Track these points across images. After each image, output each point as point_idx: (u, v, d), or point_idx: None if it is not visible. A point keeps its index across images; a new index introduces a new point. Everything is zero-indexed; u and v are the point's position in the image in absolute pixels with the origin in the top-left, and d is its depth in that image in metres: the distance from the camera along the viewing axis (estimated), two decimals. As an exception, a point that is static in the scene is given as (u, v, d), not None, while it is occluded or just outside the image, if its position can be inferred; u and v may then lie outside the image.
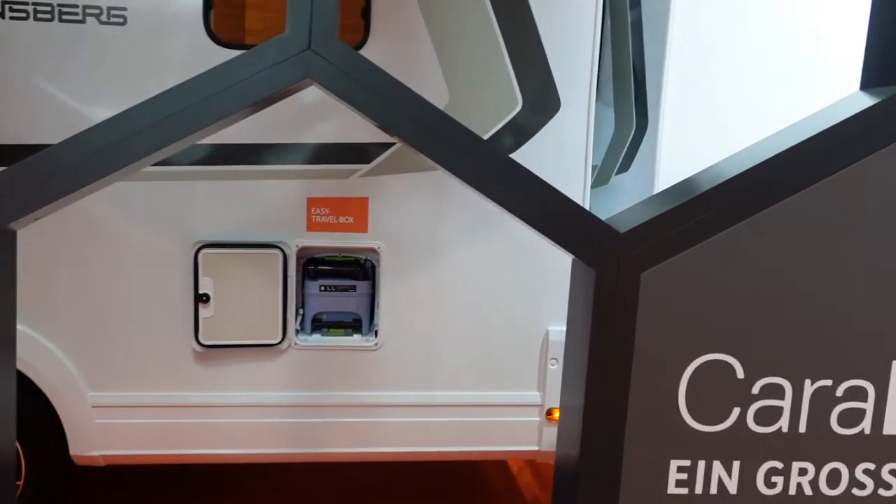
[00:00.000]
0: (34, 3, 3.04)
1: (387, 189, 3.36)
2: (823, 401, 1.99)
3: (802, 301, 1.94)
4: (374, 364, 3.49)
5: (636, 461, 1.97)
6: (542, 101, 3.36)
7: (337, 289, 3.47)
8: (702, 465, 2.00)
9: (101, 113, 3.06)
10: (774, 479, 2.02)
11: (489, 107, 3.34)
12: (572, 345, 2.02)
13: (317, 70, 1.76)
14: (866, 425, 2.01)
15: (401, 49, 3.28)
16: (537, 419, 3.59)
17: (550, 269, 3.37)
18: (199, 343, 3.34)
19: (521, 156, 3.31)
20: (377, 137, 3.27)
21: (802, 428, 2.00)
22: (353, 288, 3.48)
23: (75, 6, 3.06)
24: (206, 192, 3.29)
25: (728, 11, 3.77)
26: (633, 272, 1.88)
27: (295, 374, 3.46)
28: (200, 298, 3.30)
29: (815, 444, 2.01)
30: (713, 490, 2.01)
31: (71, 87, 3.13)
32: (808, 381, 1.97)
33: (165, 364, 3.37)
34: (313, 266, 3.46)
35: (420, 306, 3.48)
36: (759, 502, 2.03)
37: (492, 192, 1.84)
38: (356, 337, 3.52)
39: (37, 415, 3.38)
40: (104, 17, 3.09)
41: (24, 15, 3.04)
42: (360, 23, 3.26)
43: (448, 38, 3.27)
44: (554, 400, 3.51)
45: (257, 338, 3.38)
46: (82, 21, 3.08)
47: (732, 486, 2.01)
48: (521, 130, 3.37)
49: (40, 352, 3.28)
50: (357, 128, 3.24)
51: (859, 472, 2.04)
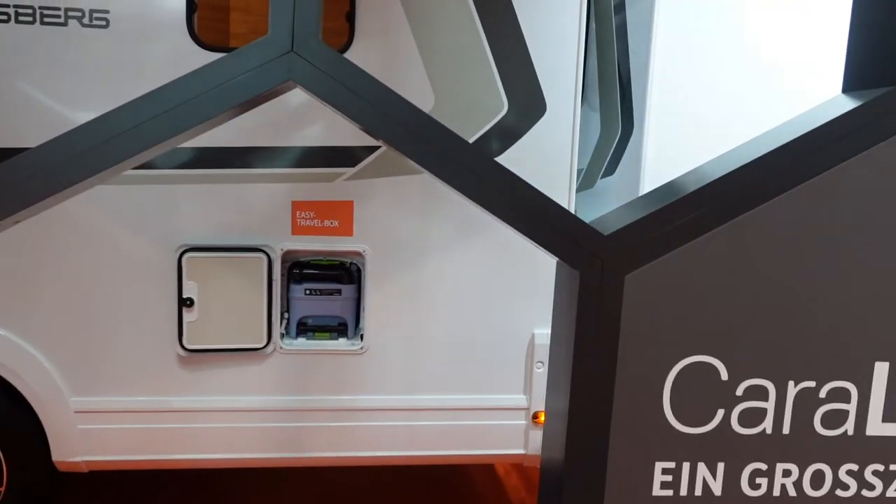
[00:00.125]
0: (15, 6, 3.01)
1: (372, 192, 3.36)
2: (807, 402, 2.00)
3: (786, 303, 1.95)
4: (360, 368, 3.48)
5: (621, 463, 1.97)
6: (527, 104, 3.36)
7: (322, 292, 3.46)
8: (686, 466, 2.00)
9: (83, 116, 3.03)
10: (759, 480, 2.03)
11: (475, 110, 3.34)
12: (557, 347, 2.02)
13: (300, 72, 1.75)
14: (849, 426, 2.02)
15: (385, 52, 3.28)
16: (524, 423, 3.59)
17: (536, 272, 3.38)
18: (183, 347, 3.32)
19: (507, 159, 3.31)
20: (362, 141, 3.26)
21: (786, 429, 2.00)
22: (339, 291, 3.47)
23: (57, 9, 3.04)
24: (190, 195, 3.27)
25: (712, 15, 3.80)
26: (617, 274, 1.88)
27: (280, 379, 3.44)
28: (184, 302, 3.28)
29: (799, 445, 2.02)
30: (698, 492, 2.01)
31: (53, 90, 3.11)
32: (791, 383, 1.98)
33: (149, 369, 3.35)
34: (298, 270, 3.44)
35: (406, 310, 3.48)
36: (744, 503, 2.03)
37: (477, 196, 1.83)
38: (342, 341, 3.51)
39: (18, 421, 3.35)
40: (86, 20, 3.06)
41: (4, 17, 3.01)
42: (344, 26, 3.25)
43: (433, 41, 3.27)
44: (540, 403, 3.51)
45: (242, 342, 3.36)
46: (64, 24, 3.06)
47: (717, 488, 2.02)
48: (507, 134, 3.37)
49: (22, 356, 3.25)
50: (342, 131, 3.24)
51: (843, 474, 2.05)
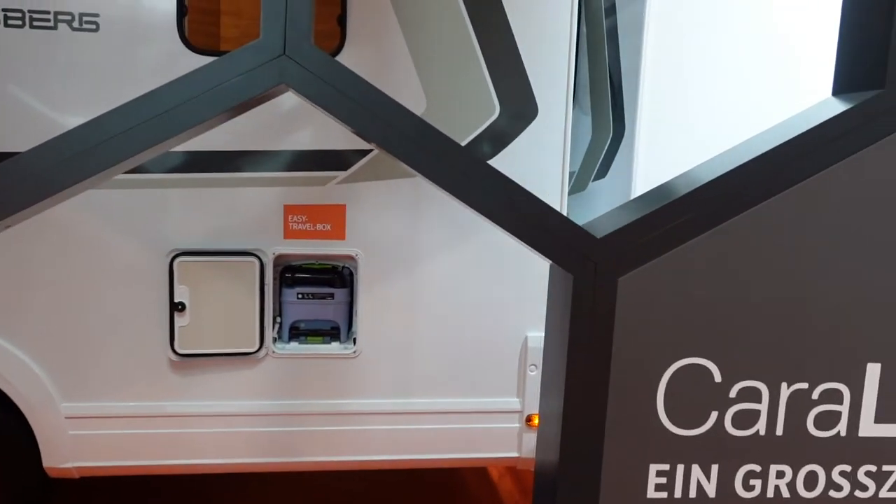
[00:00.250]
0: (4, 10, 3.00)
1: (364, 196, 3.35)
2: (800, 404, 2.00)
3: (778, 305, 1.96)
4: (353, 372, 3.47)
5: (615, 466, 1.97)
6: (519, 107, 3.37)
7: (315, 296, 3.45)
8: (681, 468, 2.00)
9: (73, 120, 3.02)
10: (752, 481, 2.03)
11: (466, 113, 3.34)
12: (550, 350, 2.02)
13: (292, 76, 1.75)
14: (842, 428, 2.03)
15: (377, 55, 3.27)
16: (517, 426, 3.59)
17: (529, 274, 3.38)
18: (174, 352, 3.30)
19: (499, 162, 3.32)
20: (354, 144, 3.26)
21: (779, 431, 2.01)
22: (331, 295, 3.46)
23: (47, 12, 3.03)
24: (181, 199, 3.26)
25: (703, 19, 3.81)
26: (610, 277, 1.88)
27: (273, 383, 3.43)
28: (176, 307, 3.26)
29: (793, 446, 2.02)
30: (692, 494, 2.01)
31: (43, 94, 3.09)
32: (784, 385, 1.99)
33: (140, 374, 3.33)
34: (291, 274, 3.43)
35: (399, 313, 3.47)
36: (738, 505, 2.04)
37: (469, 199, 1.83)
38: (334, 345, 3.50)
39: (8, 427, 3.32)
40: (76, 24, 3.05)
41: (-6, 21, 3.00)
42: (336, 29, 3.25)
43: (425, 44, 3.27)
44: (534, 406, 3.51)
45: (234, 346, 3.35)
46: (54, 28, 3.05)
47: (711, 490, 2.02)
48: (499, 137, 3.37)
49: (12, 362, 3.23)
50: (334, 134, 3.23)
51: (836, 475, 2.05)
